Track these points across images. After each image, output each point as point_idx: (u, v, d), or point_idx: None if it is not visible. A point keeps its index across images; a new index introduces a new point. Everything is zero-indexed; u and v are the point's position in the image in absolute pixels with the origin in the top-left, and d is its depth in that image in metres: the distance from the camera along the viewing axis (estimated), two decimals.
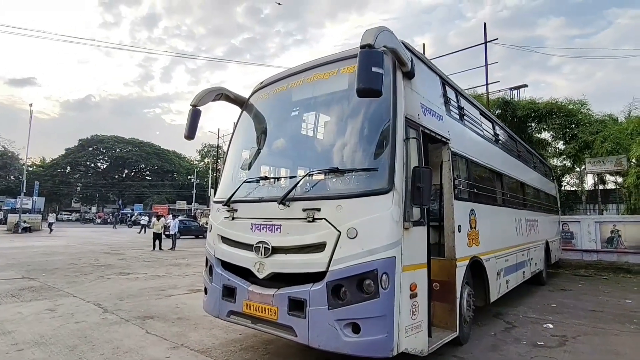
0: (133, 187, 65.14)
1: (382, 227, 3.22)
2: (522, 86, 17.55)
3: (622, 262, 12.14)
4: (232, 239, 4.16)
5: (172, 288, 8.34)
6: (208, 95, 4.76)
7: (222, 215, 4.37)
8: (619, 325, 5.75)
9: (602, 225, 12.93)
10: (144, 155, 66.46)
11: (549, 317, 6.23)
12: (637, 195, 12.73)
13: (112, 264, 12.25)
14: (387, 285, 3.13)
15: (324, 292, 3.25)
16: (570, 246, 13.24)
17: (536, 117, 15.96)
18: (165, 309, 6.43)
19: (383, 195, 3.24)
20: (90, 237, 25.38)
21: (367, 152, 3.58)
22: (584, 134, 14.53)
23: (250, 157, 4.72)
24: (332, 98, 4.11)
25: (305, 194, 3.62)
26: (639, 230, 12.14)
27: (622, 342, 4.99)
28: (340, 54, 4.16)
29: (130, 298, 7.18)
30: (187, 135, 4.63)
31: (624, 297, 7.97)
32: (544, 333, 5.38)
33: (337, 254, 3.26)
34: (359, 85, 2.97)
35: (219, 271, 4.23)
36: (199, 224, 31.33)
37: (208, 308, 4.37)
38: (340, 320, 3.16)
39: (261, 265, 3.74)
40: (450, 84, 5.15)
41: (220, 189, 4.82)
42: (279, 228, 3.71)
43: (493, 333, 5.35)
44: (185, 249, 18.57)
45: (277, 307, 3.55)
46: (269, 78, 4.95)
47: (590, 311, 6.76)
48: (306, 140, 4.38)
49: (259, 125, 4.84)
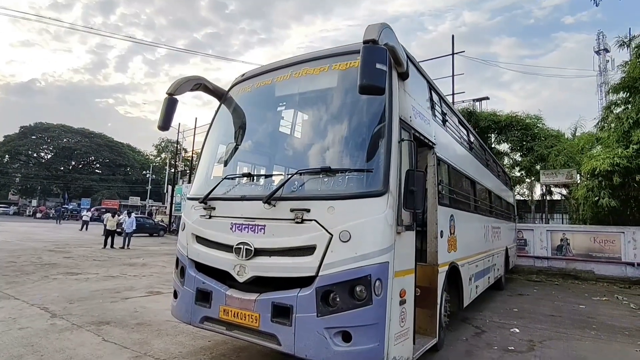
0: (80, 180, 60.91)
1: (376, 231, 3.08)
2: (484, 98, 18.36)
3: (571, 269, 12.95)
4: (208, 239, 3.85)
5: (129, 290, 7.74)
6: (186, 85, 4.41)
7: (197, 213, 4.05)
8: (579, 331, 6.04)
9: (553, 233, 13.75)
10: (94, 146, 62.50)
11: (514, 322, 6.43)
12: (586, 206, 13.68)
13: (57, 262, 11.24)
14: (380, 291, 3.00)
15: (312, 298, 3.06)
16: (523, 253, 13.95)
17: (497, 129, 16.79)
18: (122, 313, 5.92)
19: (378, 198, 3.11)
20: (30, 233, 23.30)
21: (361, 152, 3.43)
22: (540, 147, 15.48)
23: (229, 153, 4.43)
24: (322, 95, 3.92)
25: (294, 193, 3.41)
26: (586, 239, 13.02)
27: (585, 347, 5.22)
28: (333, 50, 4.00)
29: (81, 301, 6.55)
30: (161, 126, 4.25)
31: (577, 303, 8.45)
32: (512, 338, 5.52)
33: (328, 257, 3.08)
34: (362, 81, 2.82)
35: (192, 273, 3.90)
36: (154, 221, 29.96)
37: (178, 313, 4.01)
38: (330, 328, 2.98)
39: (242, 268, 3.48)
40: (436, 88, 5.16)
41: (195, 185, 4.49)
42: (262, 229, 3.47)
43: (465, 338, 5.41)
44: (139, 248, 17.53)
45: (258, 313, 3.31)
46: (252, 71, 4.69)
47: (549, 316, 7.07)
48: (293, 138, 4.16)
49: (239, 120, 4.56)
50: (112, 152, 64.47)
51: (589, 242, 13.01)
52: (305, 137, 3.97)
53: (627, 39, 11.83)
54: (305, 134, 4.00)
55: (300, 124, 4.10)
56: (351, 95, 3.69)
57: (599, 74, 53.18)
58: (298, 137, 4.09)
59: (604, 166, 11.28)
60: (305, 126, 4.05)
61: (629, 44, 11.75)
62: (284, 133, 4.23)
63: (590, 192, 12.76)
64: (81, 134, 62.57)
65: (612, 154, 11.30)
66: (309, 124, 4.01)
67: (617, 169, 11.15)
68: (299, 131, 4.11)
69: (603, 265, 12.65)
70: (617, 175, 11.30)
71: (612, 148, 11.59)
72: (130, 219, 17.70)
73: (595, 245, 12.91)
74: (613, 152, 11.34)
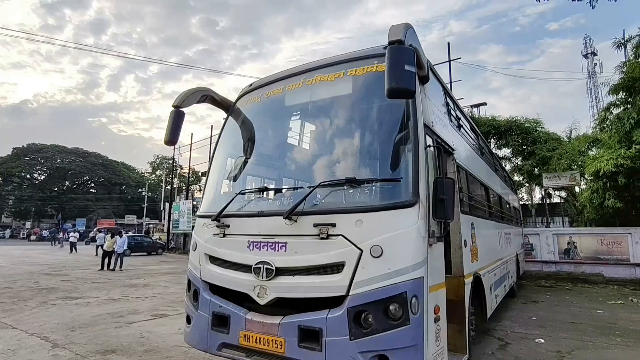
0: (75, 201, 60.10)
1: (409, 244, 2.87)
2: (482, 104, 18.39)
3: (579, 273, 12.78)
4: (223, 259, 3.62)
5: (132, 314, 7.42)
6: (192, 96, 4.23)
7: (209, 232, 3.82)
8: (605, 338, 5.82)
9: (559, 237, 13.59)
10: (88, 166, 61.92)
11: (536, 332, 6.20)
12: (591, 208, 13.58)
13: (55, 286, 10.86)
14: (417, 309, 2.78)
15: (344, 319, 2.83)
16: (530, 258, 13.76)
17: (497, 134, 16.76)
18: (128, 339, 5.61)
19: (409, 209, 2.91)
20: (25, 256, 22.76)
21: (386, 161, 3.25)
22: (541, 150, 15.43)
23: (240, 167, 4.23)
24: (339, 102, 3.74)
25: (317, 207, 3.20)
26: (593, 242, 12.87)
27: (616, 356, 5.00)
28: (346, 55, 3.84)
29: (83, 328, 6.23)
30: (168, 140, 4.04)
31: (593, 308, 8.24)
32: (539, 349, 5.29)
33: (359, 275, 2.86)
34: (391, 84, 2.64)
35: (207, 297, 3.65)
36: (152, 239, 29.49)
37: (193, 340, 3.75)
38: (365, 352, 2.74)
39: (262, 289, 3.24)
40: (449, 93, 5.02)
41: (205, 202, 4.26)
42: (284, 246, 3.24)
43: (490, 352, 5.17)
44: (138, 268, 17.13)
45: (284, 338, 3.06)
46: (259, 80, 4.52)
47: (570, 323, 6.85)
48: (309, 149, 3.96)
49: (250, 132, 4.36)
50: (107, 170, 63.91)
51: (596, 245, 12.86)
52: (323, 148, 3.76)
53: (624, 40, 11.91)
54: (323, 144, 3.80)
55: (316, 134, 3.90)
56: (371, 101, 3.52)
57: (587, 77, 54.07)
58: (315, 148, 3.88)
59: (608, 167, 11.20)
60: (322, 136, 3.84)
61: (626, 44, 11.83)
62: (299, 144, 4.04)
63: (595, 194, 12.67)
64: (75, 153, 62.05)
65: (615, 155, 11.24)
66: (326, 133, 3.81)
67: (622, 169, 11.08)
68: (315, 142, 3.91)
69: (612, 267, 12.49)
70: (622, 176, 11.23)
71: (615, 149, 11.53)
72: (122, 238, 16.74)
73: (602, 247, 12.76)
74: (616, 152, 11.28)
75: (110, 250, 16.05)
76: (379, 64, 3.38)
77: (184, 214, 28.88)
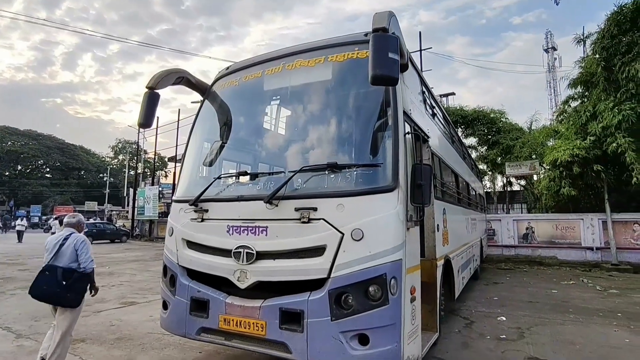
0: (29, 186, 56.66)
1: (389, 228, 2.97)
2: (451, 94, 18.93)
3: (536, 256, 13.63)
4: (202, 244, 3.58)
5: (100, 302, 7.17)
6: (167, 78, 4.08)
7: (187, 217, 3.76)
8: (560, 315, 6.29)
9: (519, 222, 14.40)
10: (43, 149, 58.38)
11: (498, 310, 6.60)
12: (548, 196, 14.42)
13: (13, 276, 10.29)
14: (395, 290, 2.89)
15: (325, 301, 2.90)
16: (492, 242, 14.50)
17: (464, 123, 17.34)
18: (97, 328, 5.46)
19: (389, 193, 2.99)
20: None
21: (367, 147, 3.31)
22: (505, 139, 16.15)
23: (218, 152, 4.17)
24: (319, 88, 3.74)
25: (298, 191, 3.22)
26: (549, 227, 13.74)
27: (570, 331, 5.41)
28: (327, 41, 3.83)
29: (47, 318, 5.89)
30: (142, 123, 3.90)
31: (549, 288, 8.84)
32: (501, 326, 5.64)
33: (341, 258, 2.93)
34: (375, 71, 2.67)
35: (185, 282, 3.61)
36: (115, 227, 28.43)
37: (170, 326, 3.71)
38: (346, 332, 2.84)
39: (243, 273, 3.25)
40: (425, 82, 5.14)
41: (181, 187, 4.17)
42: (264, 230, 3.26)
43: (457, 330, 5.46)
44: (102, 256, 16.50)
45: (265, 320, 3.10)
46: (237, 64, 4.44)
47: (528, 302, 7.33)
48: (289, 134, 3.95)
49: (227, 116, 4.29)
50: (64, 154, 60.55)
51: (552, 230, 13.74)
52: (304, 133, 3.76)
53: (584, 36, 12.56)
54: (303, 130, 3.80)
55: (296, 119, 3.90)
56: (352, 87, 3.56)
57: (547, 71, 56.58)
58: (295, 133, 3.88)
59: (564, 157, 11.87)
60: (302, 121, 3.85)
61: (585, 41, 12.48)
62: (279, 129, 4.02)
63: (552, 182, 13.44)
64: (28, 136, 58.25)
65: (571, 146, 11.92)
66: (306, 119, 3.81)
67: (577, 159, 11.78)
68: (295, 127, 3.90)
69: (565, 250, 13.41)
70: (577, 166, 11.94)
71: (571, 140, 12.24)
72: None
73: (557, 232, 13.65)
74: (572, 143, 11.97)
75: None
76: (360, 51, 3.41)
77: (150, 200, 28.00)
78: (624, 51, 10.42)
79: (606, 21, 11.07)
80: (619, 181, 12.17)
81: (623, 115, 10.27)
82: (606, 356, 4.44)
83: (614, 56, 10.65)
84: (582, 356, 4.43)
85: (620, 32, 10.59)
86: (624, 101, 10.47)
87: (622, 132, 10.55)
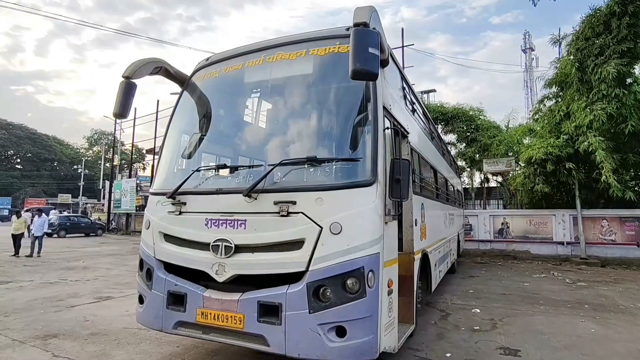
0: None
1: (367, 222, 3.00)
2: (432, 91, 19.19)
3: (510, 250, 14.07)
4: (179, 237, 3.54)
5: (73, 297, 7.01)
6: (145, 67, 3.98)
7: (164, 210, 3.70)
8: (530, 307, 6.52)
9: (495, 218, 14.80)
10: (13, 139, 56.08)
11: (473, 303, 6.78)
12: (523, 192, 14.87)
13: None
14: (372, 283, 2.93)
15: (303, 294, 2.92)
16: (469, 237, 14.87)
17: (444, 120, 17.64)
18: (70, 323, 5.32)
19: (368, 188, 3.03)
20: None
21: (346, 141, 3.32)
22: (483, 137, 16.54)
23: (196, 144, 4.09)
24: (299, 81, 3.73)
25: (277, 185, 3.22)
26: (523, 222, 14.19)
27: (540, 322, 5.62)
28: (308, 34, 3.81)
29: (18, 313, 5.80)
30: (118, 113, 3.79)
31: (522, 281, 9.14)
32: (475, 318, 5.80)
33: (319, 251, 2.95)
34: (355, 66, 2.68)
35: (161, 275, 3.56)
36: (90, 220, 27.67)
37: (146, 320, 3.66)
38: (323, 324, 2.86)
39: (221, 266, 3.23)
40: (405, 78, 5.18)
41: (158, 179, 4.09)
42: (243, 223, 3.24)
43: (433, 322, 5.58)
44: (76, 249, 16.08)
45: (243, 313, 3.10)
46: (217, 55, 4.37)
47: (501, 295, 7.56)
48: (268, 127, 3.92)
49: (206, 108, 4.22)
50: (35, 145, 58.34)
51: (526, 225, 14.21)
52: (283, 126, 3.75)
53: (560, 37, 12.93)
54: (283, 123, 3.78)
55: (276, 112, 3.87)
56: (332, 81, 3.57)
57: (525, 70, 58.00)
58: (274, 126, 3.86)
59: (539, 155, 12.25)
60: (282, 114, 3.83)
61: (561, 42, 12.85)
62: (258, 122, 3.99)
63: (527, 179, 13.86)
64: None
65: (546, 144, 12.31)
66: (286, 112, 3.80)
67: (550, 157, 12.17)
68: (274, 120, 3.88)
69: (537, 245, 13.91)
70: (550, 163, 12.34)
71: (546, 138, 12.63)
72: (41, 219, 13.66)
73: (530, 227, 14.13)
74: (547, 142, 12.36)
75: (18, 234, 13.18)
76: (342, 45, 3.41)
77: (127, 193, 27.38)
78: (597, 53, 10.79)
79: (581, 23, 11.43)
80: (589, 179, 12.64)
81: (594, 115, 10.65)
82: (573, 345, 4.64)
83: (587, 58, 11.01)
84: (550, 345, 4.62)
85: (594, 35, 10.95)
86: (596, 101, 10.85)
87: (593, 132, 10.95)
